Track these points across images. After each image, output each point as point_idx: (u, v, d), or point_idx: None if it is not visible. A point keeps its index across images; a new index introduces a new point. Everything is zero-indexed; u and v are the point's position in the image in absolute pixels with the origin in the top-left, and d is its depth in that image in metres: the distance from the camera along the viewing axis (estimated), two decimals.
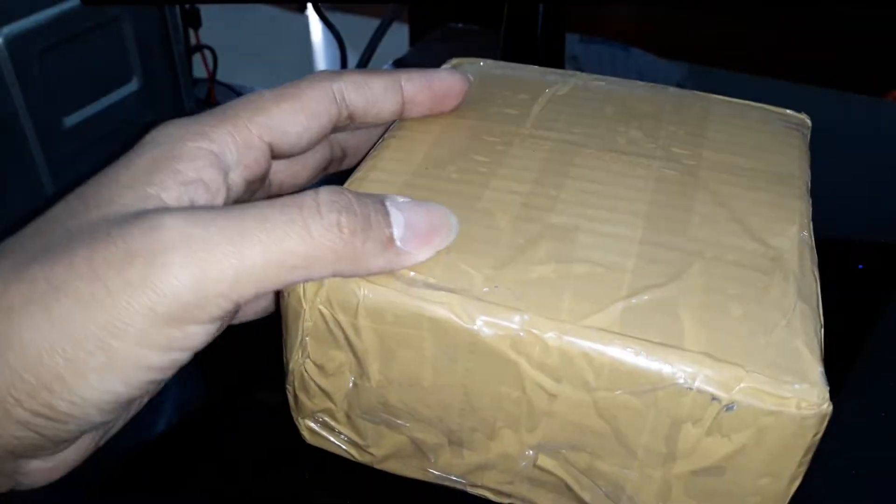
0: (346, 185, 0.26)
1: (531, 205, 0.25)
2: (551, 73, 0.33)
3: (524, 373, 0.22)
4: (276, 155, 0.26)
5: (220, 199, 0.24)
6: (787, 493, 0.21)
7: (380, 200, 0.23)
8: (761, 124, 0.30)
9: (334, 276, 0.22)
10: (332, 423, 0.26)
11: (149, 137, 0.24)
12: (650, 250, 0.23)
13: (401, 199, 0.23)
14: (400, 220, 0.22)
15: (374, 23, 0.73)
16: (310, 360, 0.24)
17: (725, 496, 0.22)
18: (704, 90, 0.32)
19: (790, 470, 0.21)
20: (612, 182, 0.26)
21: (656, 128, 0.29)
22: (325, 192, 0.22)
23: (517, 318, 0.21)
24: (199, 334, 0.21)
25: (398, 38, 0.86)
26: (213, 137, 0.24)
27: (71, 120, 0.55)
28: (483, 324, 0.21)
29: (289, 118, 0.26)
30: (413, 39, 0.93)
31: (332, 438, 0.26)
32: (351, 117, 0.27)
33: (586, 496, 0.24)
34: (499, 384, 0.22)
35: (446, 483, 0.26)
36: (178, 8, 0.64)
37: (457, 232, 0.23)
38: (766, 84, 0.58)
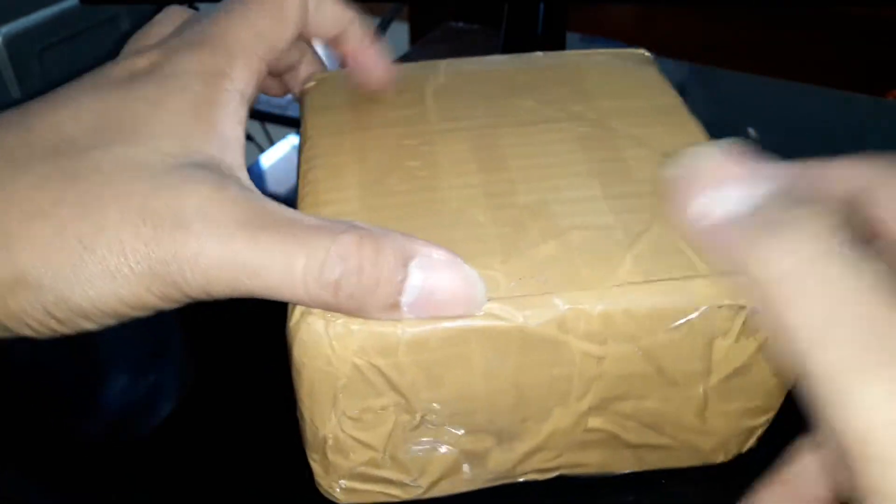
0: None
1: (493, 193, 0.25)
2: (416, 67, 0.33)
3: (574, 347, 0.22)
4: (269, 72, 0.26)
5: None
6: None
7: (404, 261, 0.21)
8: (621, 66, 0.33)
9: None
10: (374, 472, 0.25)
11: (169, 70, 0.23)
12: (618, 203, 0.25)
13: (436, 256, 0.21)
14: (416, 283, 0.21)
15: (373, 21, 0.68)
16: (346, 417, 0.23)
17: (752, 389, 0.25)
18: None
19: None
20: (545, 152, 0.27)
21: (544, 93, 0.31)
22: (340, 245, 0.20)
23: (555, 300, 0.22)
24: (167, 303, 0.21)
25: (398, 36, 0.84)
26: (234, 76, 0.24)
27: None
28: (527, 317, 0.22)
29: (278, 33, 0.26)
30: (413, 38, 0.90)
31: (372, 488, 0.25)
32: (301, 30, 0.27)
33: (632, 437, 0.25)
34: (550, 368, 0.23)
35: (496, 484, 0.26)
36: None
37: (482, 306, 0.22)
38: (767, 83, 0.57)
